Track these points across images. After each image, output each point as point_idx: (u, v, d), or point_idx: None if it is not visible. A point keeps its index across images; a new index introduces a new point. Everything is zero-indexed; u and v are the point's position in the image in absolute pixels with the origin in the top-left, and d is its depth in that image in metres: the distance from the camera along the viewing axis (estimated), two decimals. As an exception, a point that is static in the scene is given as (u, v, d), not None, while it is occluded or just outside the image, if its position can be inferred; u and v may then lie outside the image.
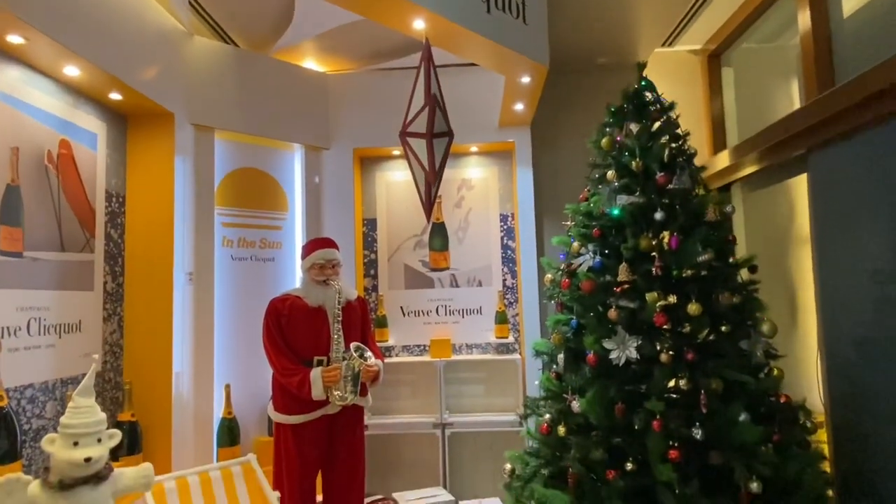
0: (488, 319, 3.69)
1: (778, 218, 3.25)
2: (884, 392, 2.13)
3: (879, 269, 2.17)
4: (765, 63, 3.47)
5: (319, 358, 2.66)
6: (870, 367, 2.20)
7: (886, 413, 2.11)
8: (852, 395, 2.31)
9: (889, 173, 2.11)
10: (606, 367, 2.26)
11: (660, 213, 2.34)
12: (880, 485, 2.12)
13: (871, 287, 2.21)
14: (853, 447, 2.30)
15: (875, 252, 2.19)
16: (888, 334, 2.12)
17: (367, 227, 3.82)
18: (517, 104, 3.19)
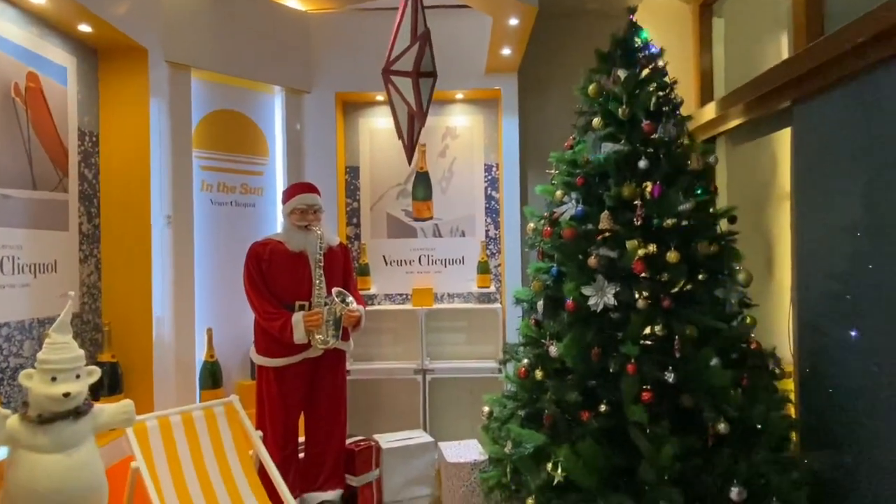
0: (470, 269, 3.71)
1: (760, 172, 3.27)
2: (851, 344, 2.20)
3: (854, 223, 2.20)
4: (756, 14, 3.41)
5: (301, 303, 2.66)
6: (839, 320, 2.26)
7: (852, 364, 2.18)
8: (820, 347, 2.38)
9: (868, 127, 2.11)
10: (584, 314, 2.30)
11: (644, 162, 2.33)
12: (840, 431, 2.22)
13: (845, 242, 2.24)
14: (818, 395, 2.38)
15: (851, 207, 2.22)
16: (858, 288, 2.17)
17: (349, 175, 3.76)
18: (504, 49, 3.11)
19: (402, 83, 2.16)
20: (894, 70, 2.01)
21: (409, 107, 2.19)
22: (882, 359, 2.03)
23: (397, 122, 2.30)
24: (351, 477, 2.87)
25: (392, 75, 2.17)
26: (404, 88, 2.15)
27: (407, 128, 2.25)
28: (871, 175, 2.12)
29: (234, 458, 2.33)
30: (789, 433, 2.28)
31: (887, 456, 1.99)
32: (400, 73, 2.15)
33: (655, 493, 2.00)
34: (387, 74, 2.19)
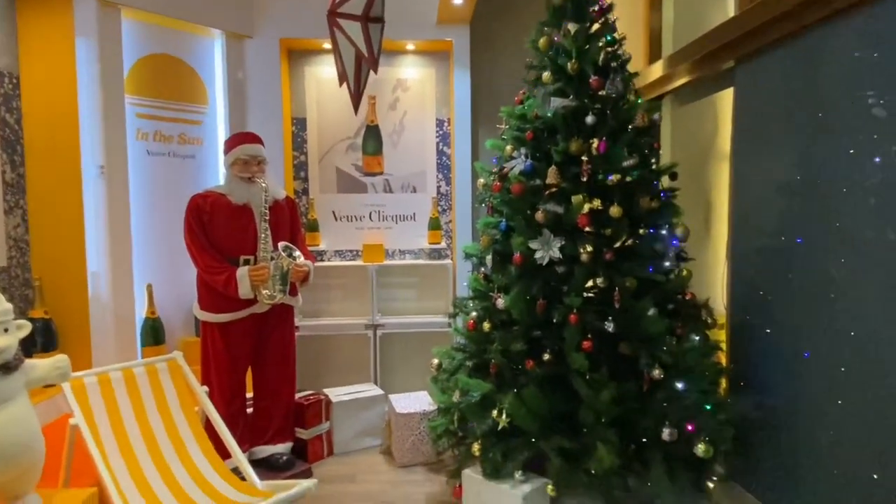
0: (421, 226, 3.70)
1: (704, 132, 3.36)
2: (778, 297, 2.34)
3: (788, 182, 2.30)
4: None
5: (246, 257, 2.60)
6: (768, 274, 2.39)
7: (779, 316, 2.32)
8: (751, 299, 2.52)
9: (806, 88, 2.19)
10: (531, 267, 2.35)
11: (591, 118, 2.36)
12: (765, 377, 2.38)
13: (778, 200, 2.35)
14: (746, 344, 2.54)
15: (785, 166, 2.31)
16: (788, 244, 2.29)
17: (296, 127, 3.64)
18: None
19: (349, 27, 2.07)
20: (832, 31, 2.07)
21: (358, 52, 2.11)
22: (807, 312, 2.17)
23: (342, 69, 2.21)
24: (301, 430, 2.89)
25: (338, 17, 2.07)
26: (352, 33, 2.06)
27: (354, 75, 2.17)
28: (806, 136, 2.22)
29: (179, 414, 2.30)
30: (719, 378, 2.43)
31: (806, 399, 2.15)
32: (347, 16, 2.06)
33: (594, 434, 2.11)
34: (332, 17, 2.09)
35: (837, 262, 2.01)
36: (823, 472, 2.05)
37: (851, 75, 1.96)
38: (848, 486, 1.92)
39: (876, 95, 1.89)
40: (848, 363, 1.94)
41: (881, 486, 1.78)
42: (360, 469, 2.84)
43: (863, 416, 1.87)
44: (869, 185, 1.88)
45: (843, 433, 1.96)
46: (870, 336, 1.85)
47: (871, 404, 1.84)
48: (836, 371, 2.00)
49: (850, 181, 1.96)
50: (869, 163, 1.88)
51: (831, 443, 2.01)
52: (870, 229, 1.87)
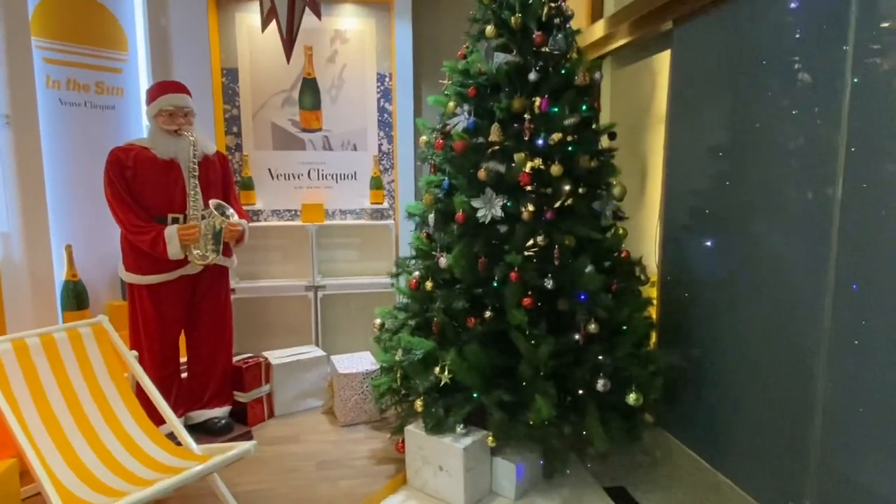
0: (363, 185, 3.62)
1: (643, 94, 3.42)
2: (704, 256, 2.45)
3: (719, 144, 2.39)
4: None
5: (175, 216, 2.46)
6: (698, 234, 2.50)
7: (705, 273, 2.44)
8: (681, 256, 2.63)
9: (737, 52, 2.24)
10: (473, 226, 2.35)
11: (534, 75, 2.34)
12: (692, 330, 2.51)
13: (709, 161, 2.43)
14: (675, 299, 2.66)
15: (716, 129, 2.39)
16: (717, 205, 2.38)
17: (227, 79, 3.43)
18: (397, -55, 2.89)
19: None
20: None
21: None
22: (731, 268, 2.29)
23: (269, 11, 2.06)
24: (239, 393, 2.83)
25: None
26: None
27: (287, 17, 2.04)
28: (735, 99, 2.29)
29: (106, 380, 2.19)
30: (650, 332, 2.54)
31: (727, 351, 2.29)
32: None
33: (532, 387, 2.17)
34: None
35: (761, 222, 2.12)
36: (742, 417, 2.21)
37: (779, 40, 2.03)
38: (765, 429, 2.08)
39: (801, 60, 1.97)
40: (767, 318, 2.07)
41: (798, 432, 1.93)
42: (303, 430, 2.82)
43: (776, 366, 2.01)
44: (793, 147, 1.98)
45: (759, 381, 2.10)
46: (788, 292, 1.97)
47: (784, 354, 1.97)
48: (755, 325, 2.13)
49: (774, 143, 2.05)
50: (792, 126, 1.97)
51: (749, 391, 2.16)
52: (792, 189, 1.97)
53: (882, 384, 1.59)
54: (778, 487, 1.99)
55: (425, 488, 2.24)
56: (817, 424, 1.82)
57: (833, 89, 1.77)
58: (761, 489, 2.08)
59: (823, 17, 1.82)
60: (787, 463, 1.94)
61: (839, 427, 1.74)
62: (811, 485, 1.84)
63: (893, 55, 1.58)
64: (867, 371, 1.64)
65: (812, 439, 1.84)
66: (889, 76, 1.59)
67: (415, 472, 2.28)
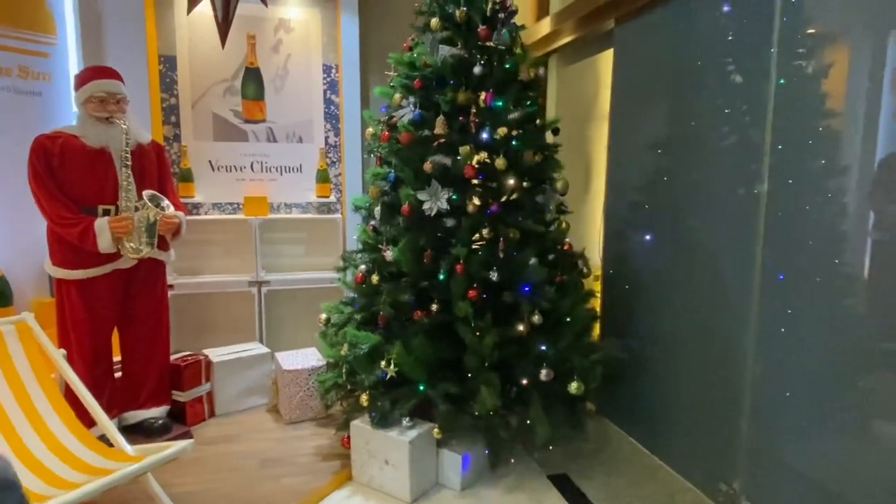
0: (309, 178, 3.55)
1: (586, 92, 3.49)
2: (644, 250, 2.52)
3: (658, 141, 2.46)
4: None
5: (106, 207, 2.35)
6: (638, 229, 2.57)
7: (645, 266, 2.52)
8: (622, 250, 2.71)
9: (677, 50, 2.32)
10: (419, 219, 2.35)
11: (479, 68, 2.35)
12: (632, 321, 2.58)
13: (649, 158, 2.51)
14: (617, 292, 2.74)
15: (656, 125, 2.47)
16: (655, 200, 2.46)
17: (164, 66, 3.28)
18: (342, -66, 2.84)
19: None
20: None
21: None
22: (667, 261, 2.37)
23: None
24: (178, 393, 2.72)
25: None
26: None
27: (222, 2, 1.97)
28: (673, 97, 2.37)
29: (32, 381, 2.07)
30: (592, 324, 2.61)
31: (664, 341, 2.38)
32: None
33: (477, 378, 2.19)
34: None
35: (695, 217, 2.20)
36: (677, 404, 2.30)
37: (712, 41, 2.11)
38: (698, 415, 2.17)
39: (732, 61, 2.06)
40: (700, 309, 2.16)
41: (729, 417, 2.02)
42: (245, 428, 2.75)
43: (708, 354, 2.10)
44: (724, 145, 2.06)
45: (693, 370, 2.20)
46: (719, 284, 2.06)
47: (716, 343, 2.07)
48: (689, 316, 2.22)
49: (708, 141, 2.13)
50: (724, 124, 2.06)
51: (684, 379, 2.25)
52: (723, 185, 2.05)
53: (807, 370, 1.69)
54: (710, 469, 2.08)
55: (371, 483, 2.23)
56: (746, 409, 1.91)
57: (760, 90, 1.86)
58: (695, 471, 2.17)
59: (752, 20, 1.91)
60: (718, 446, 2.04)
61: (767, 411, 1.83)
62: (742, 466, 1.94)
63: (817, 58, 1.67)
64: (793, 357, 1.73)
65: (741, 424, 1.93)
66: (812, 78, 1.69)
67: (360, 467, 2.26)
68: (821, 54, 1.67)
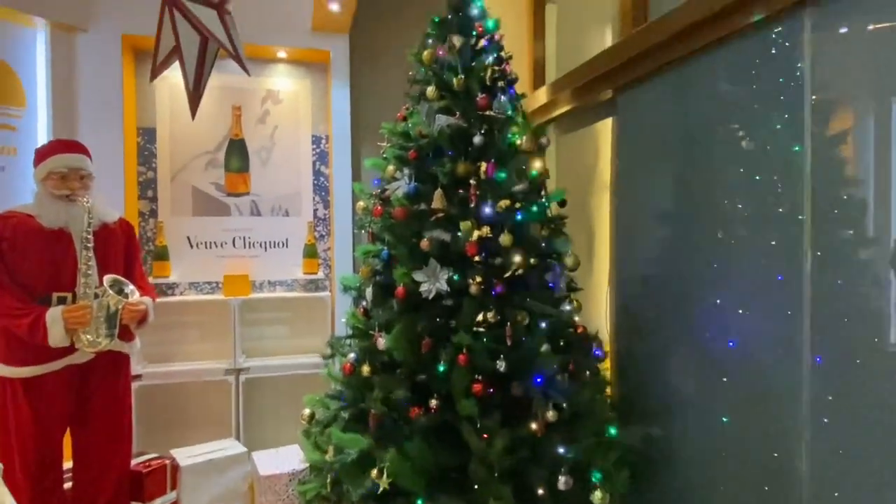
0: (296, 254, 3.32)
1: (586, 161, 3.36)
2: (658, 325, 2.29)
3: (665, 210, 2.30)
4: (586, 4, 3.49)
5: (61, 295, 2.08)
6: (648, 302, 2.36)
7: (659, 343, 2.27)
8: (633, 327, 2.47)
9: (681, 118, 2.19)
10: (416, 301, 2.10)
11: (479, 138, 2.18)
12: (651, 406, 2.31)
13: (656, 228, 2.33)
14: (631, 373, 2.48)
15: (661, 196, 2.31)
16: (666, 271, 2.26)
17: (143, 139, 3.11)
18: (332, 2, 2.76)
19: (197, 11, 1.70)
20: (702, 64, 2.09)
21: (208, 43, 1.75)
22: (685, 337, 2.13)
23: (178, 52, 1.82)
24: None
25: (182, 0, 1.69)
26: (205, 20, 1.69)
27: (195, 69, 1.80)
28: (680, 166, 2.22)
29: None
30: (611, 416, 2.32)
31: (692, 429, 2.09)
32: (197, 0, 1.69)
33: (486, 490, 1.88)
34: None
35: (712, 291, 1.99)
36: None
37: (720, 107, 1.98)
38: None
39: (743, 128, 1.92)
40: (725, 392, 1.89)
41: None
42: (215, 546, 2.37)
43: (744, 447, 1.82)
44: (741, 216, 1.89)
45: (731, 461, 1.90)
46: (755, 365, 1.81)
47: (752, 435, 1.79)
48: (720, 401, 1.95)
49: (722, 212, 1.96)
50: (739, 193, 1.89)
51: (718, 471, 1.95)
52: (743, 259, 1.86)
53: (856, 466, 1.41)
54: None
55: None
56: None
57: (791, 156, 1.68)
58: None
59: (775, 84, 1.77)
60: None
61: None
62: None
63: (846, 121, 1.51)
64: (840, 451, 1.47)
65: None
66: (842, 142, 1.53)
67: None
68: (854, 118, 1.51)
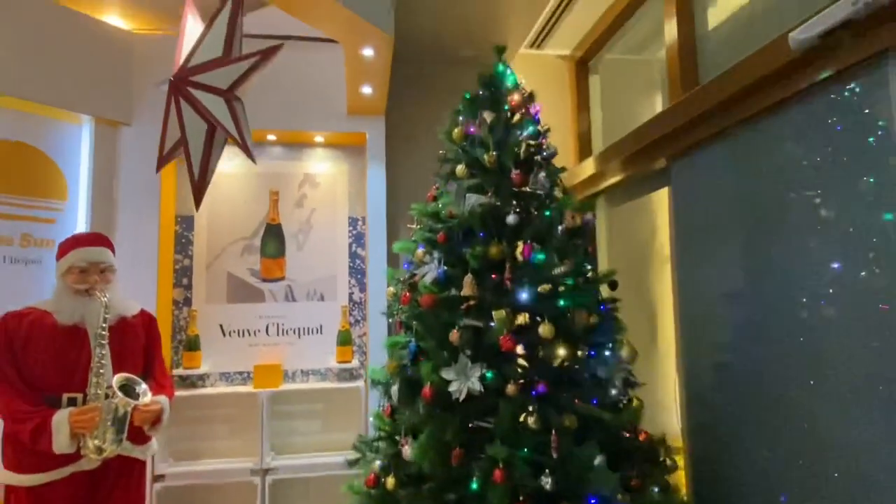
0: (330, 340, 3.14)
1: (641, 235, 3.09)
2: (742, 421, 1.92)
3: (738, 288, 1.99)
4: (631, 72, 3.35)
5: (72, 396, 1.96)
6: (728, 394, 2.00)
7: (745, 444, 1.89)
8: (709, 423, 2.10)
9: (745, 184, 1.93)
10: (446, 402, 1.84)
11: (513, 217, 1.98)
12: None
13: (729, 308, 2.02)
14: (709, 478, 2.07)
15: (733, 270, 2.01)
16: (746, 358, 1.92)
17: (181, 226, 3.11)
18: (365, 86, 2.72)
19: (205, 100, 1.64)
20: (767, 126, 1.84)
21: (216, 133, 1.68)
22: (771, 434, 1.75)
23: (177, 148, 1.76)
24: None
25: (189, 87, 1.64)
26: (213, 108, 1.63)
27: (201, 159, 1.72)
28: (749, 237, 1.93)
29: None
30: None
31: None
32: (204, 87, 1.64)
33: None
34: (182, 84, 1.66)
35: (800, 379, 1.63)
36: None
37: (792, 173, 1.71)
38: None
39: (820, 195, 1.63)
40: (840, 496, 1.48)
41: None
42: None
43: None
44: (824, 292, 1.57)
45: None
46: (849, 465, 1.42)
47: None
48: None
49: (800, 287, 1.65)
50: (821, 267, 1.58)
51: None
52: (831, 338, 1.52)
53: None
54: None
55: None
56: None
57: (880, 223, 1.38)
58: None
59: (856, 144, 1.49)
60: None
61: None
62: None
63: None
64: None
65: None
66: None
67: None
68: None
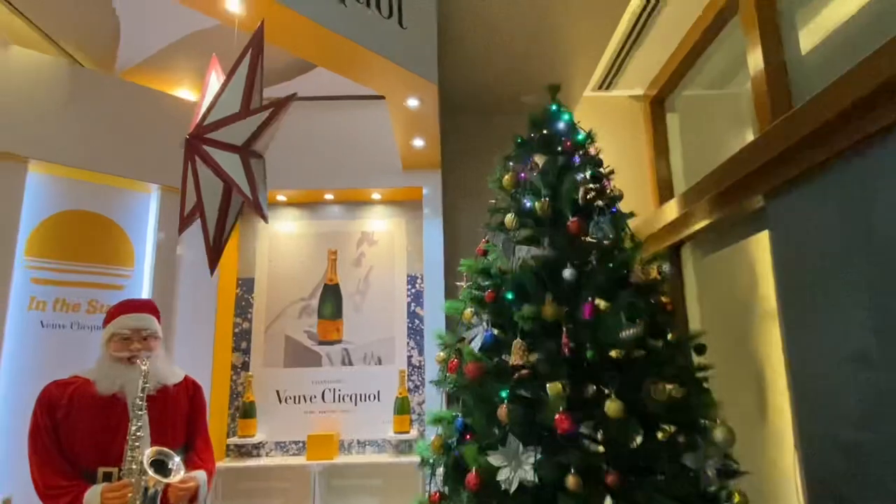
0: (387, 408, 2.93)
1: (738, 286, 2.66)
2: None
3: (865, 349, 1.56)
4: (715, 109, 3.01)
5: (107, 470, 1.87)
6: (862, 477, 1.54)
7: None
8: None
9: (866, 220, 1.54)
10: (495, 491, 1.55)
11: (570, 271, 1.71)
12: None
13: (856, 373, 1.59)
14: None
15: (858, 327, 1.59)
16: (883, 434, 1.48)
17: (242, 289, 3.10)
18: (416, 139, 2.61)
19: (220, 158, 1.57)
20: (889, 146, 1.47)
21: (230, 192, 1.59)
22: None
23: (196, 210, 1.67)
24: None
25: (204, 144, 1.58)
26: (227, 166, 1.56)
27: (216, 221, 1.63)
28: (875, 286, 1.52)
29: None
30: None
31: None
32: (218, 144, 1.57)
33: None
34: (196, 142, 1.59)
35: None
36: None
37: None
38: None
39: None
40: None
41: None
42: None
43: None
44: None
45: None
46: None
47: None
48: None
49: None
50: None
51: None
52: None
53: None
54: None
55: None
56: None
57: None
58: None
59: None
60: None
61: None
62: None
63: None
64: None
65: None
66: None
67: None
68: None
